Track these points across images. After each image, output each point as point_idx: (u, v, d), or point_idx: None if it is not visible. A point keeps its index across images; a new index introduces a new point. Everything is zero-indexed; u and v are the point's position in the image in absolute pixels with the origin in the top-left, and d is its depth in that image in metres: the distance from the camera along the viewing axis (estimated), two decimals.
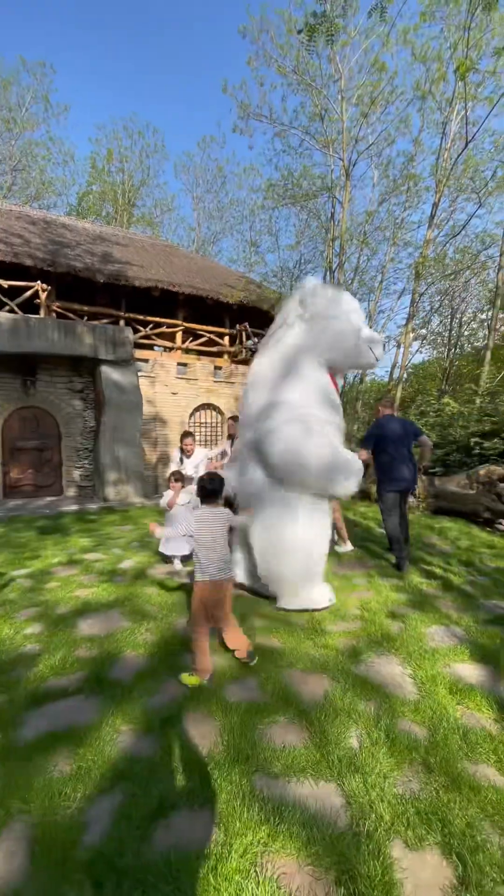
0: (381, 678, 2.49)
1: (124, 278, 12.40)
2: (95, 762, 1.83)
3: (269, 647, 2.81)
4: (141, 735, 2.00)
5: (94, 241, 14.35)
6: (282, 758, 1.85)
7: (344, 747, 1.91)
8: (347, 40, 13.39)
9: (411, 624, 3.16)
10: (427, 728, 2.07)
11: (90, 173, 25.30)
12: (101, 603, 3.52)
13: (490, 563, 4.82)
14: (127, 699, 2.25)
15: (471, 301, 20.16)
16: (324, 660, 2.65)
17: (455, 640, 2.95)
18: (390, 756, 1.87)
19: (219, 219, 27.60)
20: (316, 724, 2.07)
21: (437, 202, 13.80)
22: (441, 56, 11.92)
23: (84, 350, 8.79)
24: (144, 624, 3.13)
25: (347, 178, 14.69)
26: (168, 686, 2.38)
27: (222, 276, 16.19)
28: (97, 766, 1.81)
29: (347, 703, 2.23)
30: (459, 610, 3.49)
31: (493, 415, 9.36)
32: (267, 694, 2.31)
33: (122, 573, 4.29)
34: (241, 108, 14.35)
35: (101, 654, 2.69)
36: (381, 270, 18.27)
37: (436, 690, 2.35)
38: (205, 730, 2.03)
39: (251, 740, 1.95)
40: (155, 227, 27.17)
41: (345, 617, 3.30)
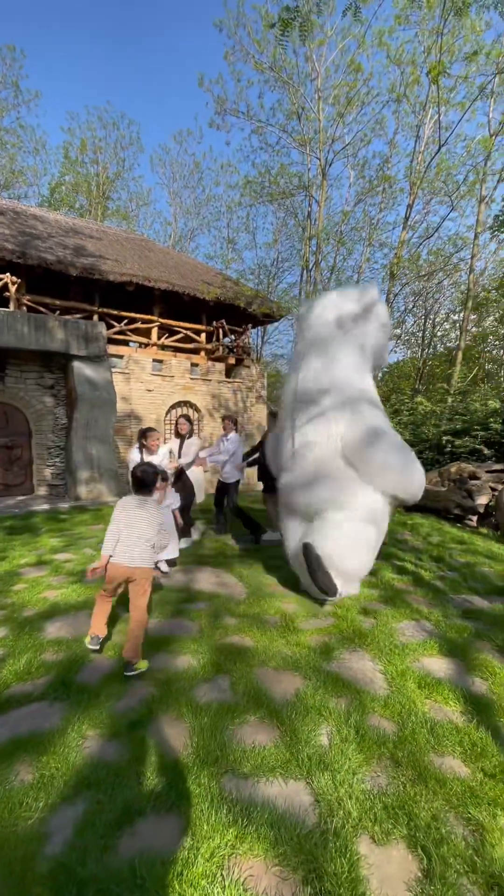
0: (353, 674, 2.51)
1: (98, 272, 12.13)
2: (59, 770, 1.77)
3: (242, 647, 2.79)
4: (107, 740, 1.95)
5: (66, 233, 13.98)
6: (251, 758, 1.84)
7: (314, 745, 1.91)
8: (324, 39, 13.46)
9: (383, 620, 3.20)
10: (396, 723, 2.09)
11: (63, 164, 24.67)
12: (70, 605, 3.42)
13: (460, 559, 4.94)
14: (94, 704, 2.19)
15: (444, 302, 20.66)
16: (296, 658, 2.65)
17: (425, 635, 3.00)
18: (359, 752, 1.88)
19: (196, 215, 27.39)
20: (286, 723, 2.06)
21: (412, 204, 14.04)
22: (415, 60, 12.11)
23: (55, 345, 8.55)
24: (114, 626, 3.06)
25: (324, 178, 14.78)
26: (136, 689, 2.33)
27: (199, 272, 16.04)
28: (61, 773, 1.75)
29: (318, 700, 2.23)
30: (430, 605, 3.56)
31: (465, 414, 9.61)
32: (238, 694, 2.29)
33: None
34: (218, 103, 14.26)
35: (68, 658, 2.62)
36: (358, 270, 18.51)
37: (405, 685, 2.38)
38: (173, 732, 2.00)
39: (221, 741, 1.93)
40: (130, 221, 26.72)
41: (317, 615, 3.31)
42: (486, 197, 13.57)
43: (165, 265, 15.05)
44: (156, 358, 13.21)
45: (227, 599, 3.58)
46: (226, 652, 2.71)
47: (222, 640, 2.88)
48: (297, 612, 3.33)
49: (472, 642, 2.89)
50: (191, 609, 3.37)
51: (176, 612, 3.32)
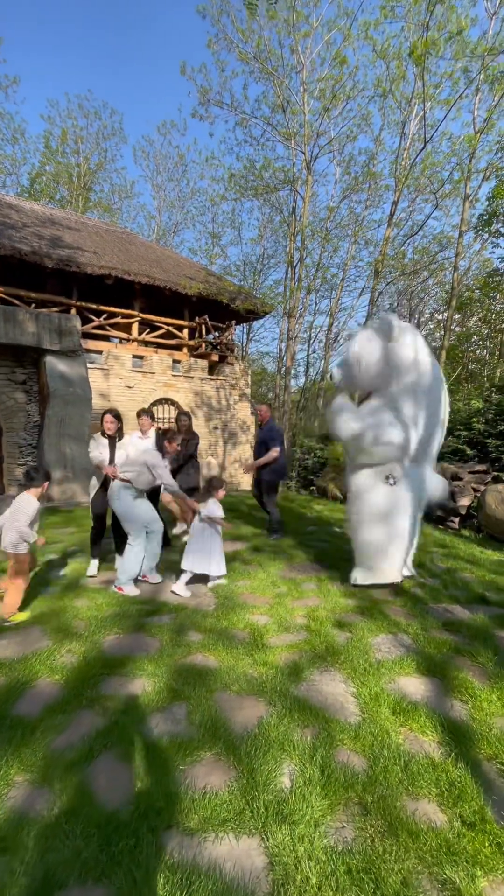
0: (322, 699, 2.30)
1: (75, 264, 11.74)
2: None
3: (204, 667, 2.55)
4: (37, 788, 1.70)
5: (43, 223, 13.51)
6: (201, 807, 1.61)
7: (273, 789, 1.69)
8: (310, 31, 13.21)
9: (358, 634, 3.00)
10: (367, 758, 1.88)
11: (43, 153, 23.99)
12: (21, 619, 3.14)
13: (441, 564, 4.78)
14: (28, 741, 1.93)
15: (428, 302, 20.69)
16: (261, 680, 2.43)
17: (402, 651, 2.81)
18: (324, 797, 1.66)
19: (180, 209, 26.97)
20: (244, 761, 1.83)
21: (397, 201, 13.91)
22: (401, 54, 11.94)
23: (26, 339, 8.18)
24: (66, 644, 2.79)
25: (309, 173, 14.56)
26: (80, 721, 2.08)
27: (182, 267, 15.70)
28: None
29: (282, 732, 2.01)
30: (408, 616, 3.37)
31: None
32: (194, 725, 2.06)
33: (53, 583, 3.91)
34: (202, 93, 13.89)
35: (8, 684, 2.35)
36: (343, 268, 18.38)
37: (378, 711, 2.17)
38: (114, 776, 1.76)
39: (167, 787, 1.69)
40: (113, 214, 26.16)
41: (289, 628, 3.10)
42: (471, 196, 13.51)
43: (147, 259, 14.68)
44: (136, 354, 12.87)
45: (194, 612, 3.34)
46: (185, 674, 2.48)
47: (183, 659, 2.65)
48: (268, 626, 3.11)
49: (451, 659, 2.71)
50: (153, 623, 3.12)
51: (136, 626, 3.07)
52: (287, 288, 17.18)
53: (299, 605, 3.51)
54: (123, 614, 3.26)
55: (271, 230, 21.93)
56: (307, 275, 15.70)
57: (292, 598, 3.64)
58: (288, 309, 16.39)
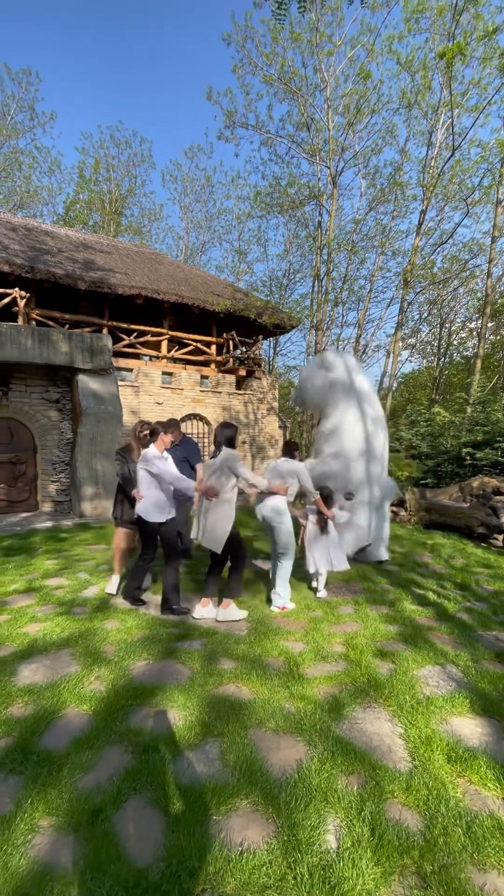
0: (367, 740, 2.10)
1: (107, 285, 12.07)
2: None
3: (237, 700, 2.40)
4: (62, 834, 1.59)
5: (76, 248, 14.03)
6: (238, 870, 1.45)
7: (317, 851, 1.51)
8: (333, 49, 13.37)
9: (402, 665, 2.78)
10: (422, 815, 1.68)
11: (77, 183, 25.13)
12: (51, 642, 3.08)
13: (488, 586, 4.47)
14: (54, 780, 1.83)
15: (459, 310, 20.18)
16: (299, 716, 2.25)
17: (452, 685, 2.57)
18: (376, 863, 1.47)
19: (207, 228, 27.57)
20: (284, 813, 1.66)
21: (425, 210, 13.71)
22: (426, 64, 11.88)
23: (60, 358, 8.38)
24: (95, 669, 2.70)
25: (334, 187, 14.59)
26: (108, 758, 1.96)
27: (209, 284, 15.93)
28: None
29: (325, 779, 1.83)
30: (456, 644, 3.12)
31: (485, 424, 9.10)
32: (228, 768, 1.91)
33: (82, 603, 3.86)
34: (227, 116, 14.23)
35: (36, 713, 2.27)
36: (370, 279, 18.21)
37: (431, 758, 1.96)
38: (144, 826, 1.62)
39: (200, 842, 1.54)
40: (143, 236, 27.02)
41: (326, 657, 2.90)
42: (503, 201, 13.17)
43: (175, 278, 14.97)
44: (165, 370, 13.04)
45: (226, 637, 3.19)
46: (218, 707, 2.33)
47: (216, 690, 2.50)
48: (304, 654, 2.92)
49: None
50: (183, 649, 2.99)
51: (166, 652, 2.95)
52: (314, 301, 17.15)
53: (336, 631, 3.31)
54: (153, 638, 3.15)
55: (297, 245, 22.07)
56: (334, 287, 15.62)
57: (328, 624, 3.45)
58: (315, 322, 16.31)
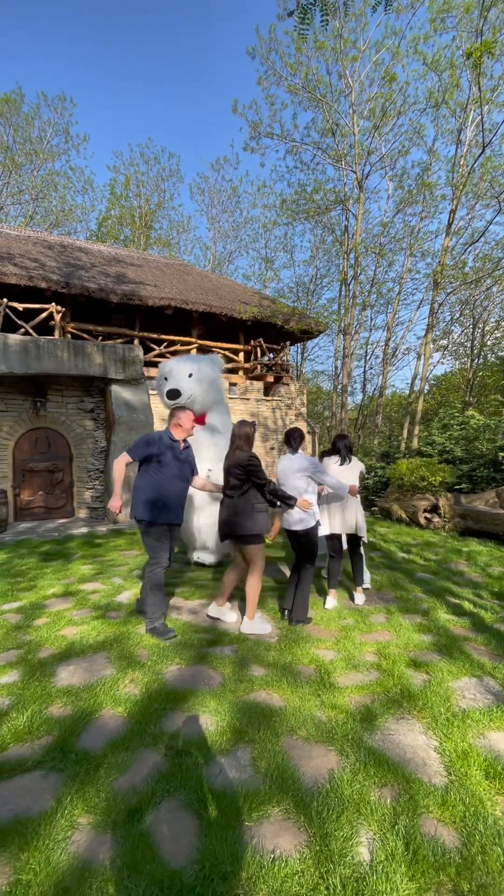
0: (400, 752, 2.06)
1: (138, 297, 12.43)
2: (38, 875, 1.47)
3: (269, 707, 2.41)
4: (100, 832, 1.64)
5: (108, 262, 14.52)
6: (270, 877, 1.45)
7: (350, 862, 1.50)
8: (357, 55, 13.37)
9: (437, 676, 2.71)
10: (459, 832, 1.63)
11: (109, 199, 26.05)
12: (87, 645, 3.19)
13: None
14: (92, 778, 1.89)
15: (493, 310, 19.57)
16: (331, 725, 2.24)
17: (490, 699, 2.49)
18: (410, 878, 1.44)
19: (234, 238, 27.93)
20: (316, 822, 1.66)
21: (455, 209, 13.43)
22: (454, 63, 11.70)
23: (94, 370, 8.69)
24: (130, 673, 2.78)
25: (361, 191, 14.52)
26: (143, 760, 2.01)
27: (236, 293, 16.12)
28: (38, 881, 1.45)
29: (357, 789, 1.81)
30: (493, 656, 3.01)
31: None
32: (260, 774, 1.92)
33: (117, 607, 3.96)
34: (252, 127, 14.44)
35: (74, 714, 2.35)
36: (399, 281, 17.95)
37: (468, 773, 1.90)
38: (178, 827, 1.66)
39: (233, 847, 1.56)
40: (172, 248, 27.66)
41: (358, 666, 2.87)
42: None
43: (203, 288, 15.24)
44: None
45: (256, 643, 3.20)
46: (250, 713, 2.35)
47: (247, 696, 2.52)
48: (335, 663, 2.90)
49: None
50: (214, 655, 3.03)
51: (198, 657, 2.99)
52: (341, 305, 17.04)
53: (368, 640, 3.26)
54: (185, 643, 3.20)
55: (323, 251, 22.04)
56: (361, 291, 15.49)
57: (360, 632, 3.40)
58: (343, 326, 16.20)
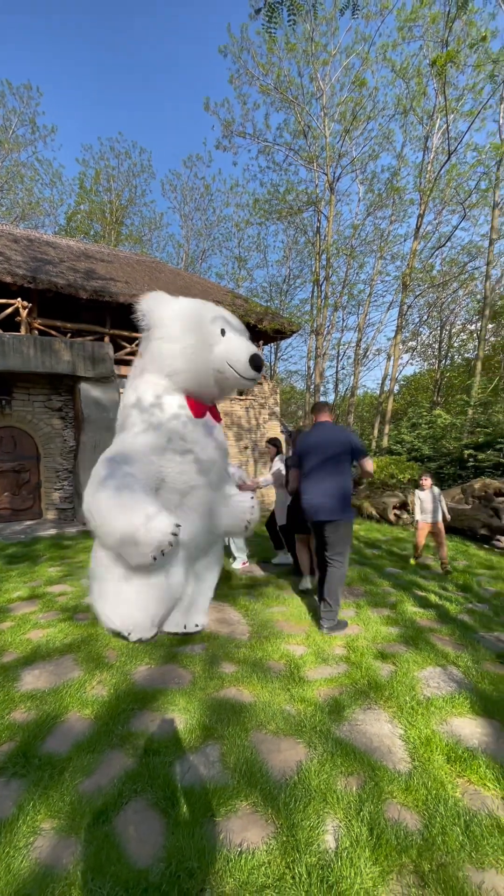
0: (367, 741, 2.11)
1: (108, 294, 12.18)
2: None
3: (238, 703, 2.41)
4: (63, 837, 1.60)
5: (77, 258, 14.18)
6: (237, 870, 1.46)
7: (316, 851, 1.52)
8: (328, 59, 13.54)
9: (403, 666, 2.78)
10: (421, 815, 1.68)
11: (78, 194, 25.44)
12: (53, 647, 3.11)
13: (489, 587, 4.46)
14: (56, 783, 1.85)
15: (459, 312, 20.22)
16: (300, 718, 2.26)
17: (453, 686, 2.57)
18: (374, 862, 1.48)
19: (207, 236, 27.79)
20: (283, 814, 1.68)
21: (423, 214, 13.80)
22: (421, 71, 12.02)
23: (62, 367, 8.47)
24: (98, 674, 2.72)
25: (332, 193, 14.71)
26: (110, 761, 1.98)
27: (209, 292, 16.04)
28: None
29: (324, 780, 1.84)
30: (457, 646, 3.12)
31: (487, 426, 9.11)
32: (229, 770, 1.92)
33: (85, 609, 3.88)
34: (225, 126, 14.41)
35: (38, 718, 2.29)
36: (370, 283, 18.28)
37: (431, 758, 1.96)
38: (145, 828, 1.64)
39: (200, 843, 1.55)
40: (143, 245, 27.27)
41: (327, 660, 2.91)
42: (500, 204, 13.23)
43: (176, 286, 15.09)
44: None
45: (227, 641, 3.20)
46: (220, 710, 2.34)
47: (217, 693, 2.52)
48: (305, 657, 2.93)
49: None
50: (185, 653, 3.01)
51: (168, 656, 2.97)
52: (314, 306, 17.22)
53: (338, 634, 3.32)
54: (155, 643, 3.16)
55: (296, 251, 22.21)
56: (333, 292, 15.72)
57: None
58: (315, 327, 16.39)
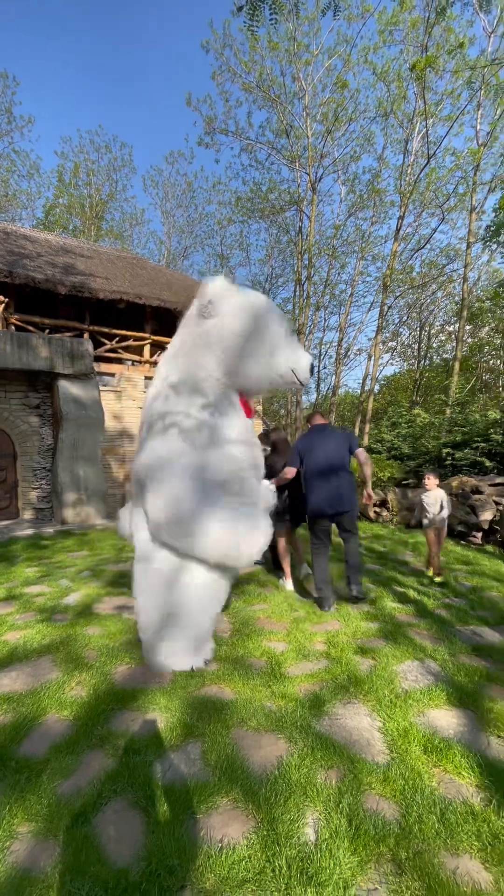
0: (347, 734, 2.14)
1: (88, 290, 11.99)
2: None
3: (219, 700, 2.42)
4: (41, 840, 1.58)
5: (56, 252, 13.91)
6: (217, 865, 1.46)
7: (296, 843, 1.54)
8: (310, 59, 13.60)
9: (382, 661, 2.83)
10: (398, 805, 1.72)
11: (57, 187, 24.93)
12: (31, 649, 3.05)
13: (465, 582, 4.57)
14: (34, 785, 1.82)
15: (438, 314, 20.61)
16: (280, 714, 2.28)
17: (430, 679, 2.63)
18: (353, 853, 1.50)
19: (189, 233, 27.60)
20: (264, 809, 1.69)
21: (403, 216, 14.00)
22: (401, 75, 12.18)
23: (39, 363, 8.30)
24: (76, 675, 2.69)
25: (314, 193, 14.80)
26: (89, 762, 1.96)
27: (192, 289, 15.94)
28: None
29: (304, 774, 1.86)
30: (434, 640, 3.18)
31: (464, 425, 9.31)
32: (210, 766, 1.92)
33: (63, 610, 3.82)
34: (207, 122, 14.34)
35: (15, 721, 2.24)
36: (351, 284, 18.46)
37: (408, 750, 2.00)
38: (124, 827, 1.63)
39: (181, 840, 1.55)
40: (124, 241, 26.92)
41: (308, 656, 2.94)
42: (477, 208, 13.52)
43: (157, 282, 14.96)
44: (148, 375, 12.97)
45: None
46: (201, 708, 2.34)
47: (198, 691, 2.51)
48: (287, 654, 2.95)
49: (483, 688, 2.52)
50: None
51: None
52: (296, 306, 17.30)
53: (318, 630, 3.35)
54: (136, 642, 3.13)
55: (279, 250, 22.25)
56: (315, 292, 15.82)
57: (311, 623, 3.49)
58: (297, 326, 16.47)
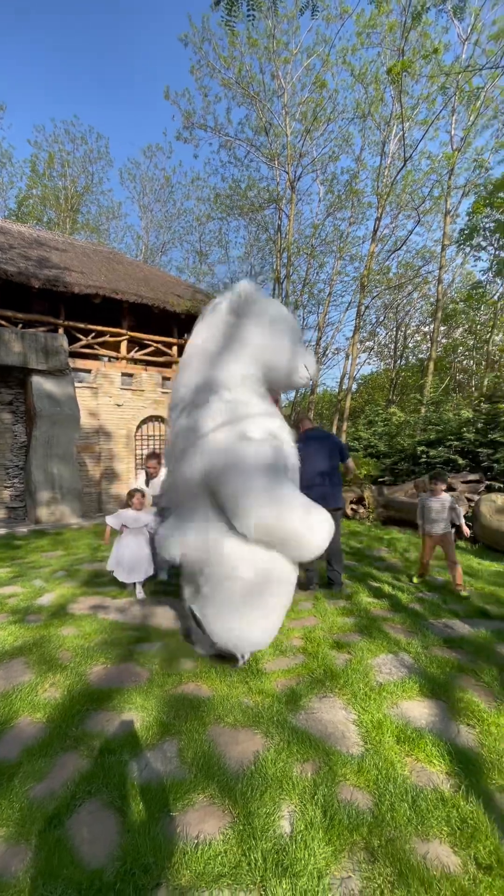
0: (322, 728, 2.17)
1: (62, 284, 11.71)
2: None
3: (196, 698, 2.41)
4: (13, 845, 1.55)
5: (29, 245, 13.53)
6: (193, 861, 1.46)
7: (272, 836, 1.55)
8: (289, 57, 13.61)
9: (357, 655, 2.88)
10: (372, 794, 1.76)
11: (30, 177, 24.24)
12: (3, 651, 2.98)
13: (438, 577, 4.69)
14: (5, 790, 1.78)
15: (414, 315, 21.00)
16: (257, 710, 2.29)
17: (404, 672, 2.69)
18: (327, 843, 1.53)
19: (167, 229, 27.28)
20: (240, 803, 1.70)
21: (380, 218, 14.19)
22: (378, 77, 12.32)
23: (12, 359, 8.08)
24: (50, 676, 2.64)
25: (293, 192, 14.84)
26: (63, 764, 1.93)
27: (169, 285, 15.79)
28: None
29: (280, 767, 1.88)
30: (408, 633, 3.26)
31: (438, 423, 9.53)
32: (186, 764, 1.92)
33: (37, 611, 3.74)
34: (186, 117, 14.19)
35: None
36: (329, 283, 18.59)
37: (382, 741, 2.05)
38: (99, 828, 1.61)
39: (156, 839, 1.55)
40: (101, 235, 26.40)
41: (285, 651, 2.96)
42: (451, 211, 13.83)
43: (134, 278, 14.74)
44: (125, 372, 12.79)
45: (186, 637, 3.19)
46: (177, 706, 2.33)
47: (175, 689, 2.50)
48: (264, 651, 2.97)
49: (454, 679, 2.60)
50: (143, 651, 2.97)
51: (125, 655, 2.92)
52: None
53: (295, 626, 3.38)
54: (112, 642, 3.10)
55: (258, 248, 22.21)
56: (294, 290, 15.88)
57: (288, 619, 3.50)
58: None
